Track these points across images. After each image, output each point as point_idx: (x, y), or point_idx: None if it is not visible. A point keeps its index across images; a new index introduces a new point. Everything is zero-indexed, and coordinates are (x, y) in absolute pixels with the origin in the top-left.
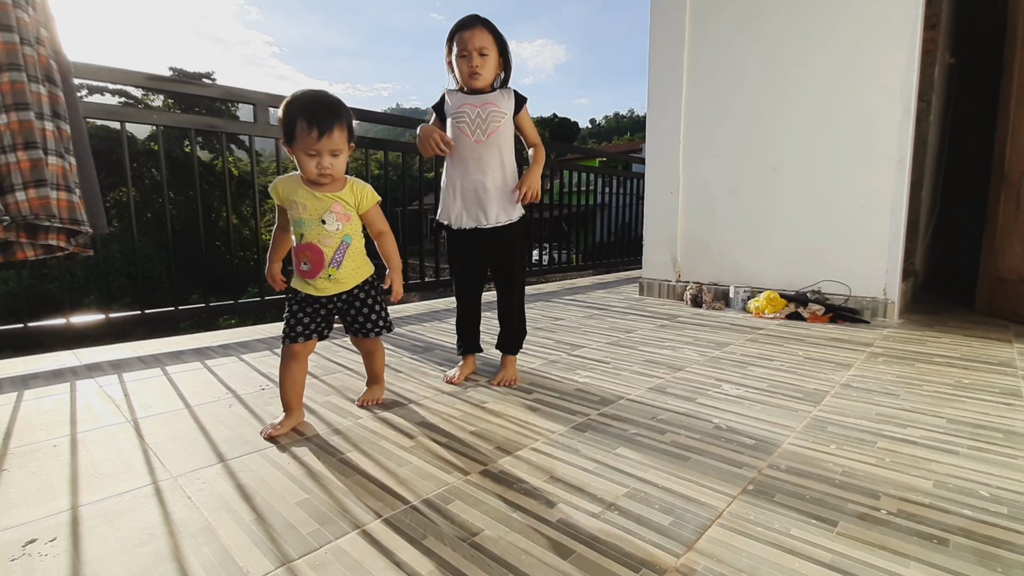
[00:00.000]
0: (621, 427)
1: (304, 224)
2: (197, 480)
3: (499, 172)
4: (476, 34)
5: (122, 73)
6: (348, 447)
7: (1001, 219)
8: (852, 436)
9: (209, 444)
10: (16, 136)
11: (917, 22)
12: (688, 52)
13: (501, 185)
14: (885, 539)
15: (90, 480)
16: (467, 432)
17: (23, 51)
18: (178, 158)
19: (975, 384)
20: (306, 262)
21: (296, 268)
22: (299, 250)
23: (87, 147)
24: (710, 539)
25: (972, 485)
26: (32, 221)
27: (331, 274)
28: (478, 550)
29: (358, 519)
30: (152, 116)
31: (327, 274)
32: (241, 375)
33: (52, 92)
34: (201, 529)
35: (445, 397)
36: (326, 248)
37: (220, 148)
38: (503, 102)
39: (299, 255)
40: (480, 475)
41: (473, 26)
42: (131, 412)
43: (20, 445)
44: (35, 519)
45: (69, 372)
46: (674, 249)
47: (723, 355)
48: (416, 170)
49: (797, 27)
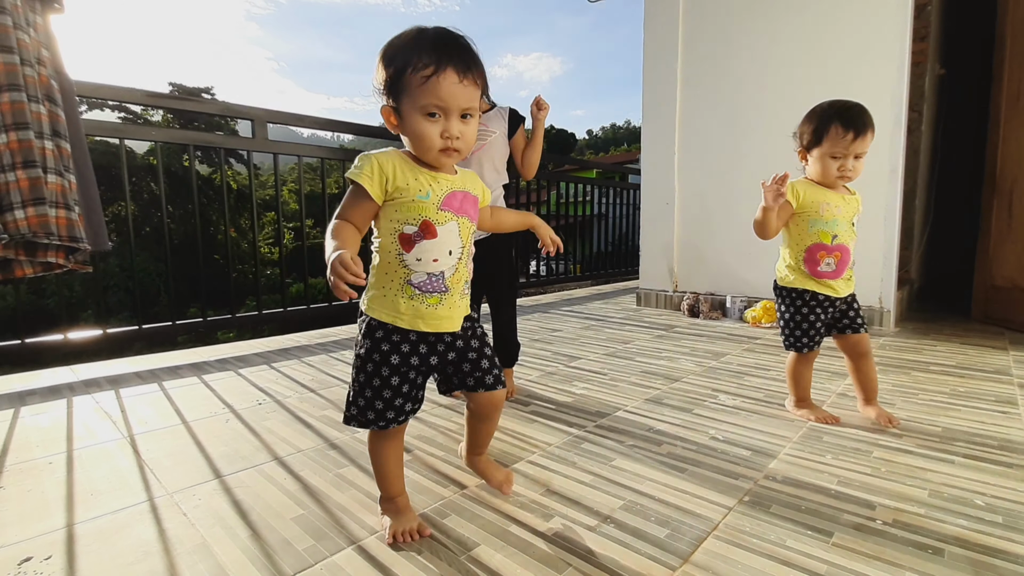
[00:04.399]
0: (618, 439)
1: (837, 224)
2: (193, 497)
3: None
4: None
5: (122, 91)
6: (345, 462)
7: (994, 227)
8: (848, 446)
9: (205, 460)
10: (16, 155)
11: (906, 34)
12: (681, 66)
13: None
14: (880, 549)
15: (86, 497)
16: None
17: (23, 71)
18: (177, 172)
19: (971, 392)
20: (831, 263)
21: (809, 267)
22: (827, 249)
23: (89, 164)
24: (706, 551)
25: (967, 494)
26: (31, 239)
27: (850, 275)
28: (474, 564)
29: (354, 535)
30: (151, 132)
31: (848, 275)
32: (238, 390)
33: (52, 111)
34: (197, 546)
35: (441, 410)
36: (852, 249)
37: (219, 162)
38: (495, 122)
39: (824, 254)
40: (477, 489)
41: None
42: (128, 428)
43: (16, 462)
44: (31, 537)
45: (66, 388)
46: (671, 259)
47: (720, 365)
48: None
49: (787, 42)
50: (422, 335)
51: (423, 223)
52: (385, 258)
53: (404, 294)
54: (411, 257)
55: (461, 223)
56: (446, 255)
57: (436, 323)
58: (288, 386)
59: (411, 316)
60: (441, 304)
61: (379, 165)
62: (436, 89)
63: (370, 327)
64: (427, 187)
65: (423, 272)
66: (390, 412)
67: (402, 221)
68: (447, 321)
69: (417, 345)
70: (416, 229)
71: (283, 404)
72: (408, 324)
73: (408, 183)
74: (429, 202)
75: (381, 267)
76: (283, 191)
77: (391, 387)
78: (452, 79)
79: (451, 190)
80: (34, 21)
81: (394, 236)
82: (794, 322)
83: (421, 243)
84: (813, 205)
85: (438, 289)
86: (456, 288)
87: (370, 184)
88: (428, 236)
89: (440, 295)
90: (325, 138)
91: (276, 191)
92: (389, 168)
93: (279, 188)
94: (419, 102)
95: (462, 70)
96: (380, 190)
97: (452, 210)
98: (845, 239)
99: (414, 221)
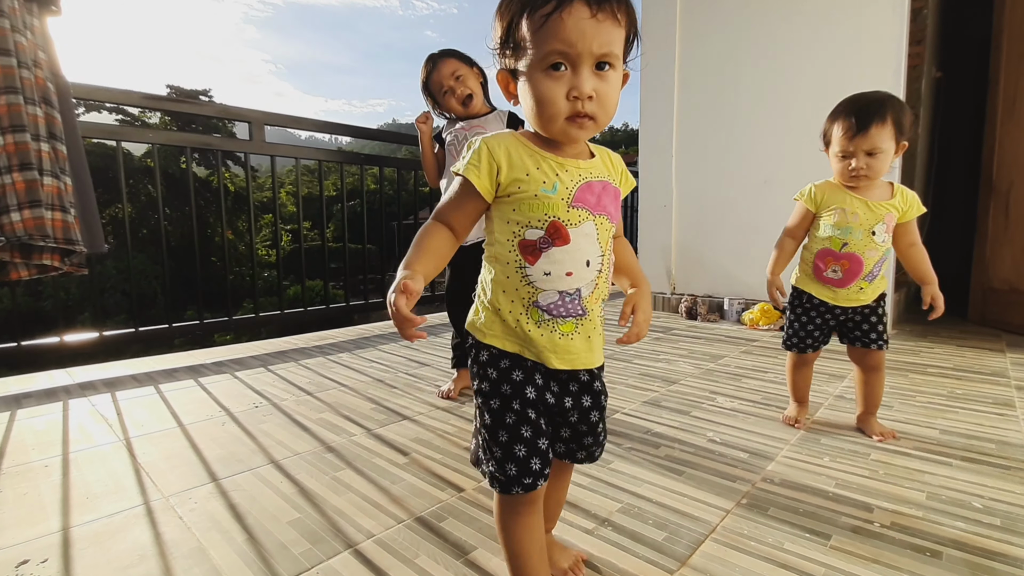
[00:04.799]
0: (615, 441)
1: (850, 232)
2: (189, 500)
3: None
4: (443, 68)
5: (120, 93)
6: (341, 465)
7: (991, 229)
8: (846, 448)
9: (201, 463)
10: (12, 157)
11: (902, 38)
12: (679, 69)
13: None
14: (878, 552)
15: (82, 501)
16: (462, 448)
17: (20, 74)
18: (174, 174)
19: (968, 394)
20: (837, 270)
21: (815, 271)
22: (835, 256)
23: (85, 167)
24: (704, 554)
25: (965, 497)
26: (26, 241)
27: (863, 287)
28: (472, 568)
29: (351, 538)
30: (148, 135)
31: (860, 286)
32: (235, 393)
33: (49, 113)
34: (193, 550)
35: (439, 413)
36: (867, 260)
37: (216, 164)
38: (493, 125)
39: (831, 260)
40: (474, 492)
41: (436, 63)
42: (124, 431)
43: (12, 465)
44: (27, 540)
45: (62, 391)
46: (668, 261)
47: (717, 367)
48: (412, 185)
49: (784, 46)
50: (551, 374)
51: (551, 225)
52: (503, 271)
53: (530, 318)
54: (537, 271)
55: (599, 223)
56: (583, 267)
57: (571, 357)
58: (285, 389)
59: (540, 348)
60: (577, 332)
61: (488, 151)
62: (559, 29)
63: (492, 357)
64: (553, 177)
65: (553, 290)
66: (535, 461)
67: (522, 224)
68: (585, 355)
69: (546, 386)
70: (542, 234)
71: (280, 407)
72: (536, 356)
73: (528, 173)
74: (556, 197)
75: (498, 282)
76: (280, 193)
77: (531, 424)
78: (581, 13)
79: (585, 180)
80: (31, 24)
81: (513, 244)
82: (795, 322)
83: (549, 252)
84: (828, 208)
85: (573, 312)
86: (595, 310)
87: (477, 176)
88: (558, 242)
89: (576, 320)
90: (323, 140)
91: (274, 193)
92: (501, 154)
93: (276, 190)
94: (539, 51)
95: (595, 1)
96: (490, 183)
97: (587, 207)
98: (858, 248)
99: (539, 223)
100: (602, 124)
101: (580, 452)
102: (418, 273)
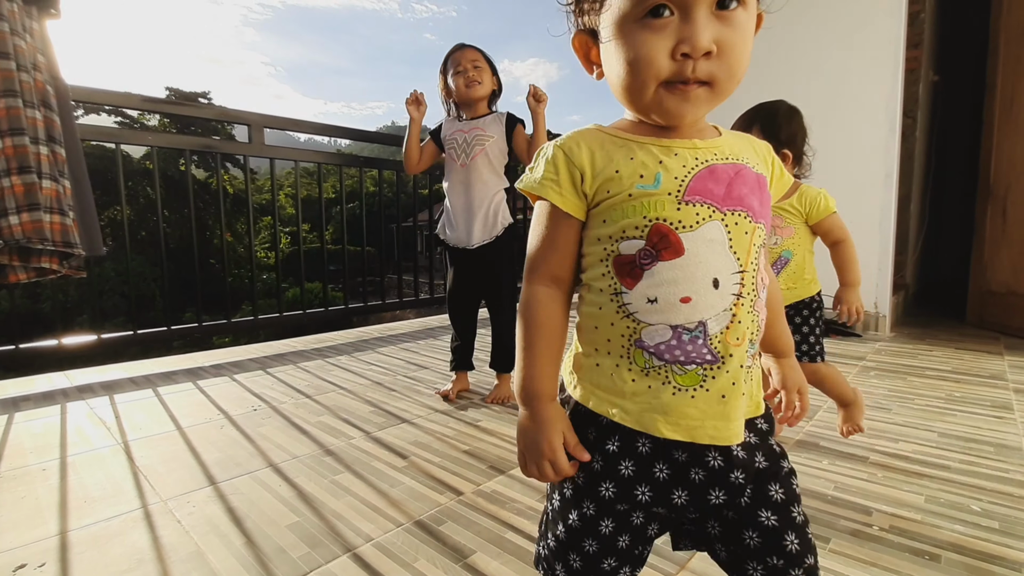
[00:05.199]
0: None
1: None
2: (187, 503)
3: (482, 194)
4: (467, 52)
5: (119, 96)
6: (340, 468)
7: (988, 232)
8: (844, 451)
9: (200, 466)
10: (11, 161)
11: (900, 42)
12: None
13: (484, 207)
14: (877, 555)
15: (80, 504)
16: (460, 451)
17: (19, 77)
18: (173, 176)
19: (966, 397)
20: None
21: None
22: None
23: (84, 170)
24: (703, 557)
25: (963, 500)
26: (25, 244)
27: None
28: (471, 572)
29: (349, 542)
30: (147, 138)
31: None
32: (233, 396)
33: (47, 116)
34: (191, 554)
35: (439, 416)
36: None
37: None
38: (492, 127)
39: None
40: (473, 495)
41: (462, 48)
42: (122, 434)
43: (10, 469)
44: (24, 544)
45: (60, 394)
46: None
47: None
48: (411, 187)
49: (782, 49)
50: (662, 445)
51: (653, 230)
52: (594, 300)
53: (633, 363)
54: (637, 297)
55: (733, 223)
56: (707, 289)
57: (692, 425)
58: (284, 392)
59: (642, 407)
60: (703, 388)
61: (564, 157)
62: None
63: (576, 416)
64: (653, 167)
65: (663, 324)
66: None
67: (615, 236)
68: (715, 423)
69: (651, 463)
70: (642, 244)
71: (278, 410)
72: (636, 421)
73: (618, 167)
74: (660, 192)
75: (589, 315)
76: (280, 195)
77: (598, 535)
78: None
79: (706, 163)
80: (30, 27)
81: (606, 263)
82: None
83: (654, 269)
84: None
85: (695, 357)
86: (736, 355)
87: (559, 195)
88: (666, 254)
89: (702, 368)
90: (322, 142)
91: (273, 196)
92: (583, 156)
93: (275, 193)
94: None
95: None
96: (577, 197)
97: (711, 200)
98: None
99: (636, 231)
100: (723, 91)
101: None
102: (547, 400)
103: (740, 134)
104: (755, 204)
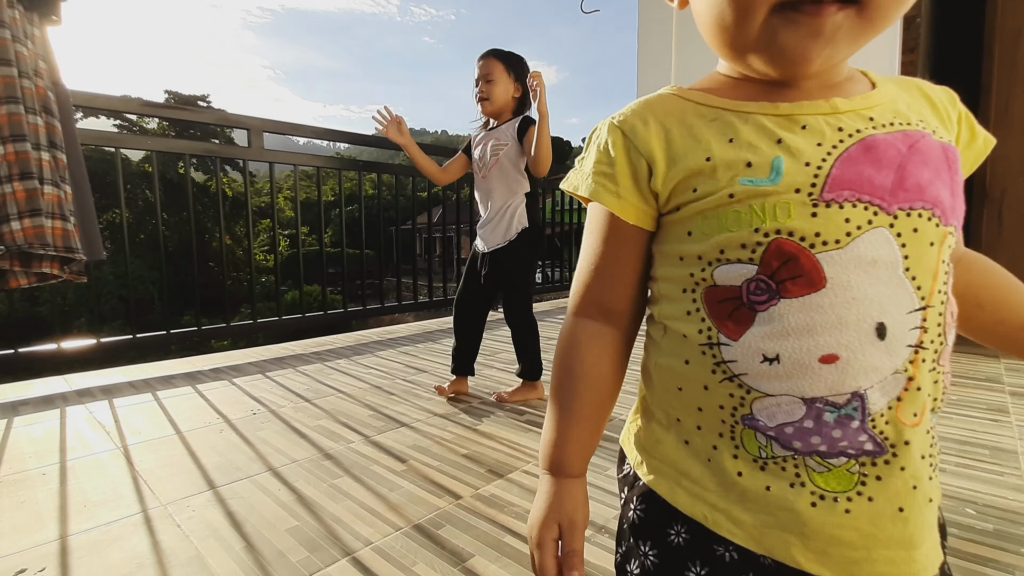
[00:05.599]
0: (613, 447)
1: None
2: (187, 508)
3: (499, 202)
4: (482, 64)
5: (118, 100)
6: (339, 472)
7: (984, 236)
8: None
9: (199, 471)
10: (13, 167)
11: (896, 45)
12: (675, 75)
13: (501, 212)
14: None
15: (79, 509)
16: (459, 455)
17: (21, 84)
18: (172, 179)
19: (962, 400)
20: None
21: None
22: None
23: (85, 175)
24: None
25: (959, 503)
26: (26, 250)
27: None
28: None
29: (348, 546)
30: (147, 142)
31: None
32: (232, 399)
33: (49, 122)
34: (190, 558)
35: (437, 420)
36: None
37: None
38: (506, 134)
39: None
40: (472, 499)
41: (483, 57)
42: (121, 439)
43: (9, 473)
44: (24, 549)
45: (59, 398)
46: None
47: None
48: (410, 190)
49: None
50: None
51: (772, 250)
52: (674, 349)
53: (741, 448)
54: (746, 352)
55: (907, 229)
56: (865, 339)
57: (851, 557)
58: (283, 396)
59: (762, 520)
60: (863, 497)
61: (622, 137)
62: None
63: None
64: (768, 148)
65: (790, 396)
66: None
67: (708, 257)
68: (899, 553)
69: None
70: (753, 272)
71: (278, 414)
72: (753, 540)
73: (710, 151)
74: (782, 189)
75: (667, 369)
76: (279, 198)
77: None
78: None
79: (858, 134)
80: (32, 33)
81: (693, 297)
82: None
83: (774, 309)
84: None
85: (846, 447)
86: (913, 438)
87: (615, 196)
88: (795, 287)
89: (858, 463)
90: (321, 146)
91: (272, 199)
92: (650, 134)
93: (275, 196)
94: None
95: None
96: (639, 196)
97: (870, 195)
98: None
99: (743, 251)
100: (882, 15)
101: None
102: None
103: (906, 79)
104: (944, 195)
